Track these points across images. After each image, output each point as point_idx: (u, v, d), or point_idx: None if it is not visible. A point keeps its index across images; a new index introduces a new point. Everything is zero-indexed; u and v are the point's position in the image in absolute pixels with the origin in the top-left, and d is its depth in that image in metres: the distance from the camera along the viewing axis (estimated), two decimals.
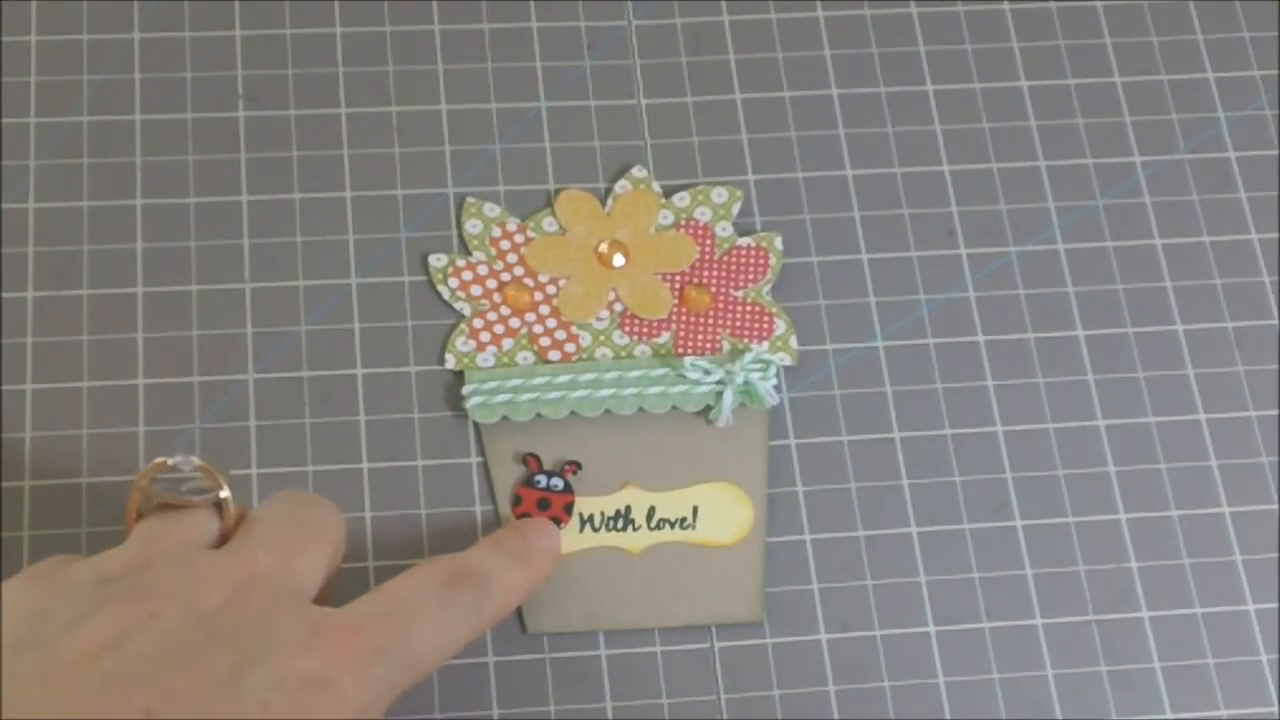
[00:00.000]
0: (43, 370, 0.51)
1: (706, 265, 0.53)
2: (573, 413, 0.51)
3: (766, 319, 0.52)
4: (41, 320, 0.51)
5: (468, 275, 0.52)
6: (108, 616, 0.38)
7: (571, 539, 0.50)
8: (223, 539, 0.42)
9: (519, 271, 0.53)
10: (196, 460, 0.43)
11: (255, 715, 0.37)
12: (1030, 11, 0.58)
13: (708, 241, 0.53)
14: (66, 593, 0.39)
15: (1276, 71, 0.58)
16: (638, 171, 0.54)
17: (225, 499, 0.43)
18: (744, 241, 0.54)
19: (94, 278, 0.52)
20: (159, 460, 0.43)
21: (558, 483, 0.50)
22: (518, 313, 0.52)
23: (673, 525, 0.50)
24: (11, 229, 0.52)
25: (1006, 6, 0.58)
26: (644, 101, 0.56)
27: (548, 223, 0.54)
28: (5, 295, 0.51)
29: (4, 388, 0.50)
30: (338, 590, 0.45)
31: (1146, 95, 0.57)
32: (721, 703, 0.48)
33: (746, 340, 0.52)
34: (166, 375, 0.51)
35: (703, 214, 0.54)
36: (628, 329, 0.52)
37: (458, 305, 0.52)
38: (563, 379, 0.51)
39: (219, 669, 0.37)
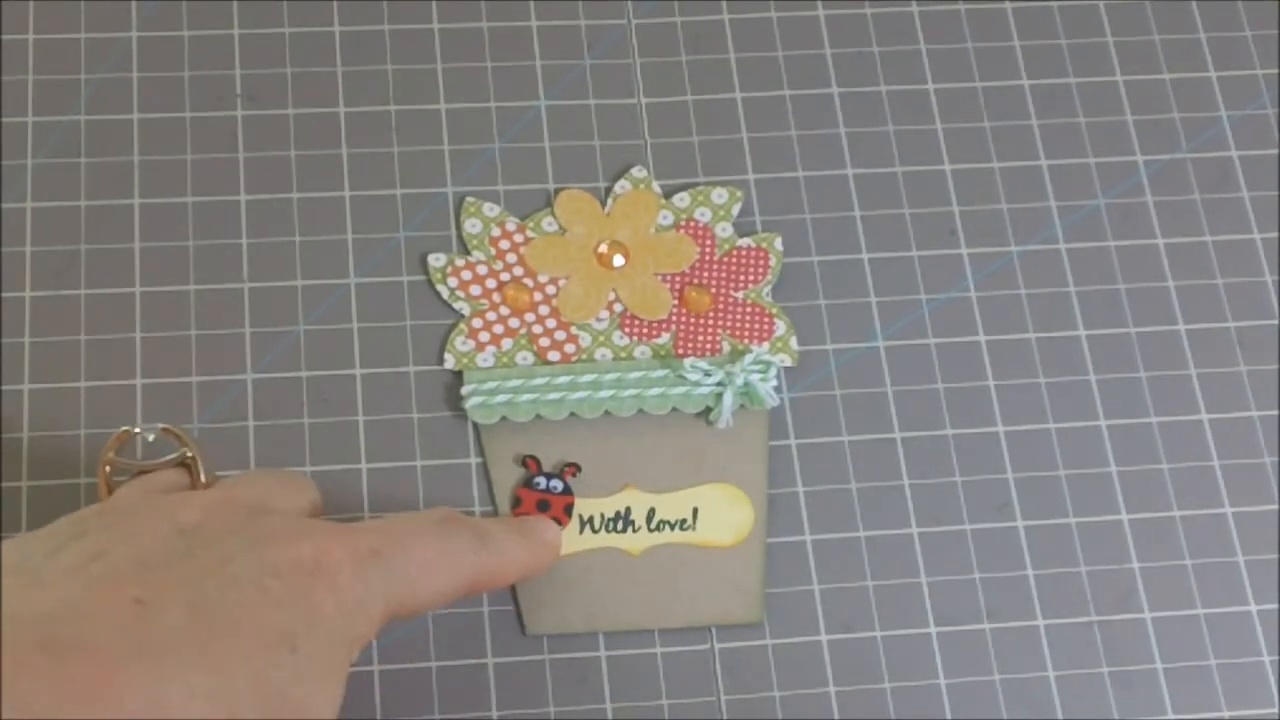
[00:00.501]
0: (41, 370, 0.51)
1: (706, 266, 0.53)
2: (572, 414, 0.51)
3: (766, 320, 0.52)
4: (40, 320, 0.51)
5: (467, 275, 0.52)
6: (87, 542, 0.37)
7: (571, 540, 0.50)
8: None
9: (518, 271, 0.53)
10: (160, 426, 0.43)
11: (251, 596, 0.36)
12: (1032, 10, 0.58)
13: (708, 242, 0.53)
14: (43, 536, 0.39)
15: (1278, 70, 0.58)
16: (638, 172, 0.54)
17: (192, 457, 0.43)
18: (744, 242, 0.53)
19: (92, 277, 0.52)
20: (123, 430, 0.44)
21: (557, 484, 0.50)
22: (517, 313, 0.52)
23: (673, 526, 0.50)
24: (10, 229, 0.52)
25: (1008, 5, 0.58)
26: (644, 101, 0.56)
27: (547, 223, 0.53)
28: (3, 295, 0.51)
29: (3, 387, 0.50)
30: None
31: (1148, 94, 0.57)
32: (721, 703, 0.48)
33: (746, 341, 0.52)
34: (165, 375, 0.51)
35: (703, 214, 0.54)
36: (627, 330, 0.52)
37: (457, 305, 0.52)
38: (562, 380, 0.51)
39: (207, 563, 0.37)
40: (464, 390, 0.51)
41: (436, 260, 0.53)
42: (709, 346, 0.52)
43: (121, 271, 0.52)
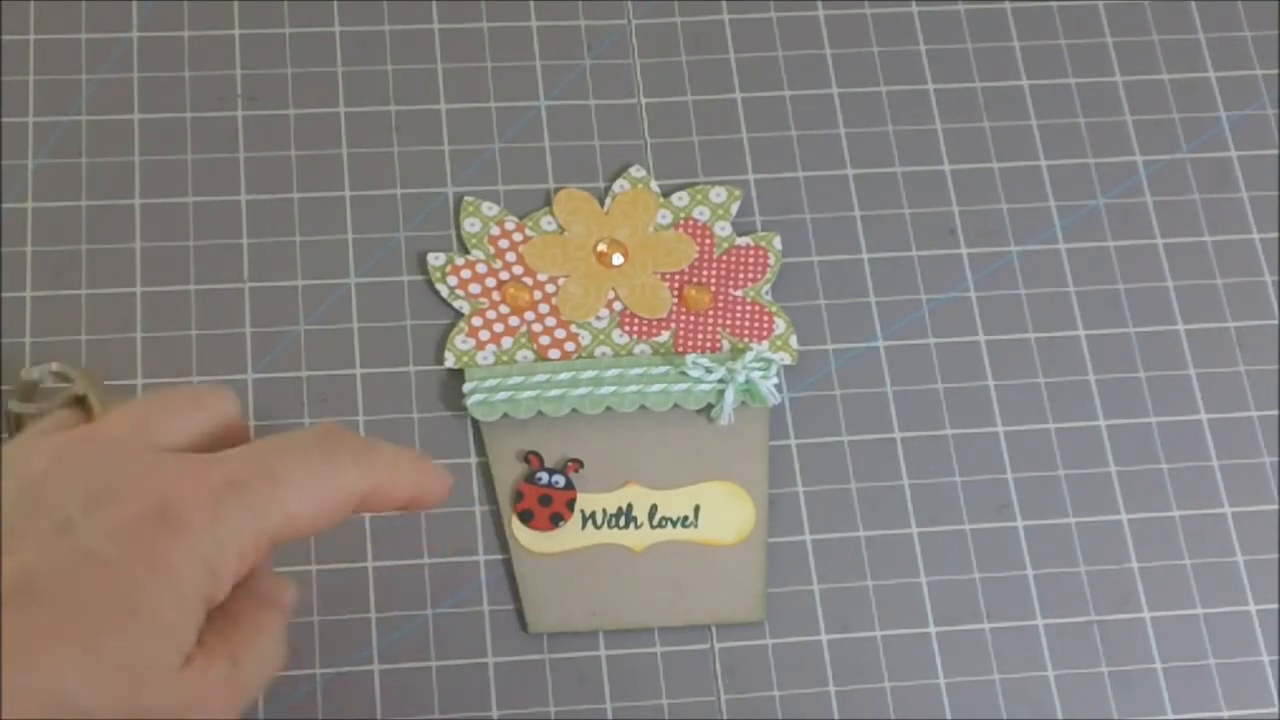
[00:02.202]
0: None
1: (706, 264, 0.53)
2: (574, 410, 0.51)
3: (766, 318, 0.52)
4: (40, 320, 0.51)
5: (466, 274, 0.52)
6: None
7: (574, 536, 0.50)
8: None
9: (518, 270, 0.53)
10: (54, 366, 0.42)
11: (83, 567, 0.34)
12: (1031, 11, 0.58)
13: (706, 241, 0.53)
14: None
15: (1277, 71, 0.58)
16: (636, 171, 0.54)
17: (83, 395, 0.41)
18: (743, 241, 0.53)
19: (92, 277, 0.52)
20: (19, 375, 0.42)
21: (559, 479, 0.50)
22: (517, 311, 0.52)
23: (675, 524, 0.50)
24: (10, 228, 0.52)
25: (1008, 6, 0.58)
26: (644, 101, 0.56)
27: (546, 221, 0.53)
28: (3, 295, 0.51)
29: (3, 387, 0.50)
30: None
31: (1148, 95, 0.57)
32: (721, 703, 0.48)
33: (746, 339, 0.52)
34: (165, 375, 0.51)
35: (701, 213, 0.54)
36: (627, 328, 0.52)
37: (456, 304, 0.52)
38: (564, 376, 0.51)
39: (43, 533, 0.35)
40: (465, 388, 0.51)
41: (436, 259, 0.53)
42: (709, 344, 0.52)
43: (121, 271, 0.52)
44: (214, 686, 0.36)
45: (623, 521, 0.50)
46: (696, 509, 0.50)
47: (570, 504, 0.50)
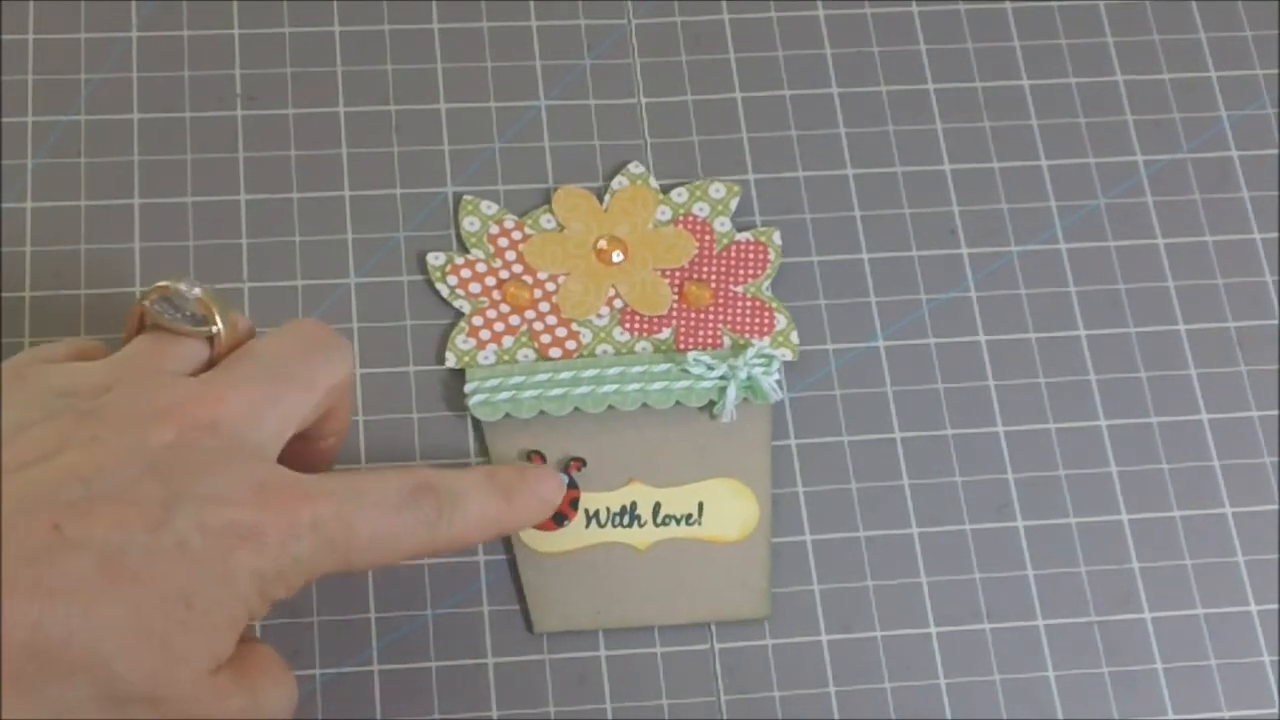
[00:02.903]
0: None
1: (706, 260, 0.53)
2: (576, 409, 0.51)
3: (767, 314, 0.52)
4: (39, 320, 0.51)
5: (466, 273, 0.52)
6: (51, 428, 0.38)
7: (578, 535, 0.50)
8: (210, 366, 0.42)
9: (518, 269, 0.53)
10: (199, 291, 0.43)
11: (169, 551, 0.37)
12: (1032, 10, 0.58)
13: (706, 237, 0.53)
14: (23, 396, 0.39)
15: (1278, 71, 0.58)
16: (635, 168, 0.54)
17: (217, 332, 0.43)
18: (743, 236, 0.53)
19: (92, 277, 0.52)
20: (162, 284, 0.43)
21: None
22: (517, 310, 0.52)
23: (678, 521, 0.50)
24: (9, 229, 0.52)
25: (1008, 5, 0.58)
26: (644, 100, 0.56)
27: (545, 220, 0.53)
28: (3, 295, 0.51)
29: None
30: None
31: (1148, 94, 0.57)
32: (721, 703, 0.48)
33: (747, 335, 0.52)
34: None
35: (701, 209, 0.54)
36: (628, 325, 0.52)
37: (457, 303, 0.52)
38: (565, 375, 0.51)
39: (146, 501, 0.37)
40: (467, 388, 0.51)
41: (436, 259, 0.53)
42: (710, 341, 0.52)
43: (121, 271, 0.52)
44: (230, 707, 0.39)
45: (626, 520, 0.50)
46: (700, 506, 0.50)
47: (574, 503, 0.50)
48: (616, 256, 0.53)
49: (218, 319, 0.43)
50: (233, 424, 0.40)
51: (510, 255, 0.53)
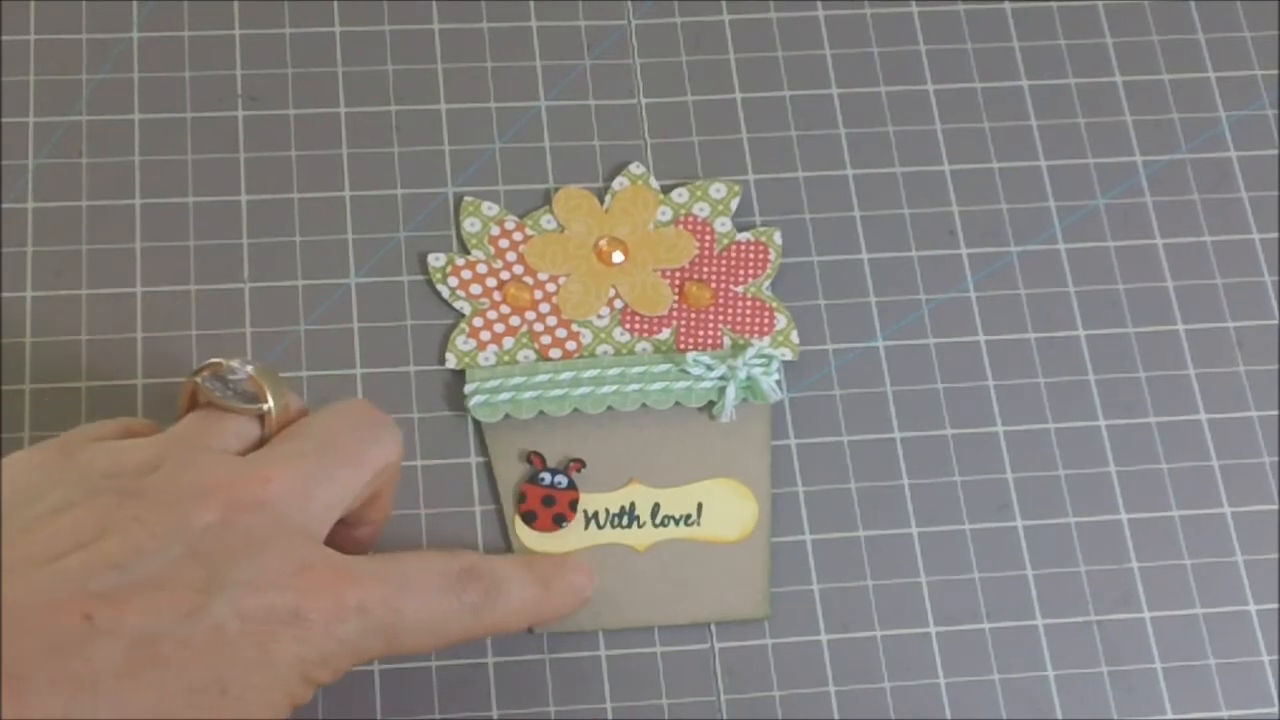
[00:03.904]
0: (42, 370, 0.51)
1: (706, 261, 0.53)
2: (575, 410, 0.51)
3: (767, 314, 0.52)
4: (40, 320, 0.51)
5: (467, 274, 0.52)
6: (92, 511, 0.37)
7: (577, 536, 0.50)
8: (260, 445, 0.42)
9: (518, 270, 0.53)
10: (251, 369, 0.43)
11: (204, 637, 0.36)
12: (1031, 11, 0.58)
13: (707, 237, 0.53)
14: (68, 475, 0.39)
15: (1277, 71, 0.58)
16: (635, 168, 0.54)
17: (268, 410, 0.42)
18: (743, 236, 0.53)
19: (93, 277, 0.52)
20: (215, 361, 0.43)
21: (562, 480, 0.50)
22: (518, 311, 0.52)
23: (677, 522, 0.50)
24: (10, 228, 0.52)
25: (1007, 6, 0.58)
26: (644, 101, 0.56)
27: (546, 220, 0.54)
28: (4, 295, 0.51)
29: (3, 388, 0.50)
30: None
31: (1147, 95, 0.57)
32: (721, 703, 0.48)
33: (748, 336, 0.52)
34: (166, 375, 0.51)
35: (701, 209, 0.54)
36: (628, 326, 0.52)
37: (457, 304, 0.52)
38: (565, 376, 0.51)
39: (183, 586, 0.36)
40: (467, 389, 0.51)
41: (436, 260, 0.53)
42: (710, 341, 0.52)
43: (122, 272, 0.52)
44: None
45: (625, 521, 0.50)
46: (699, 507, 0.50)
47: (573, 504, 0.50)
48: (617, 257, 0.53)
49: (269, 396, 0.42)
50: (279, 503, 0.39)
51: (511, 256, 0.53)
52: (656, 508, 0.50)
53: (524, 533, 0.49)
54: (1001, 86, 0.57)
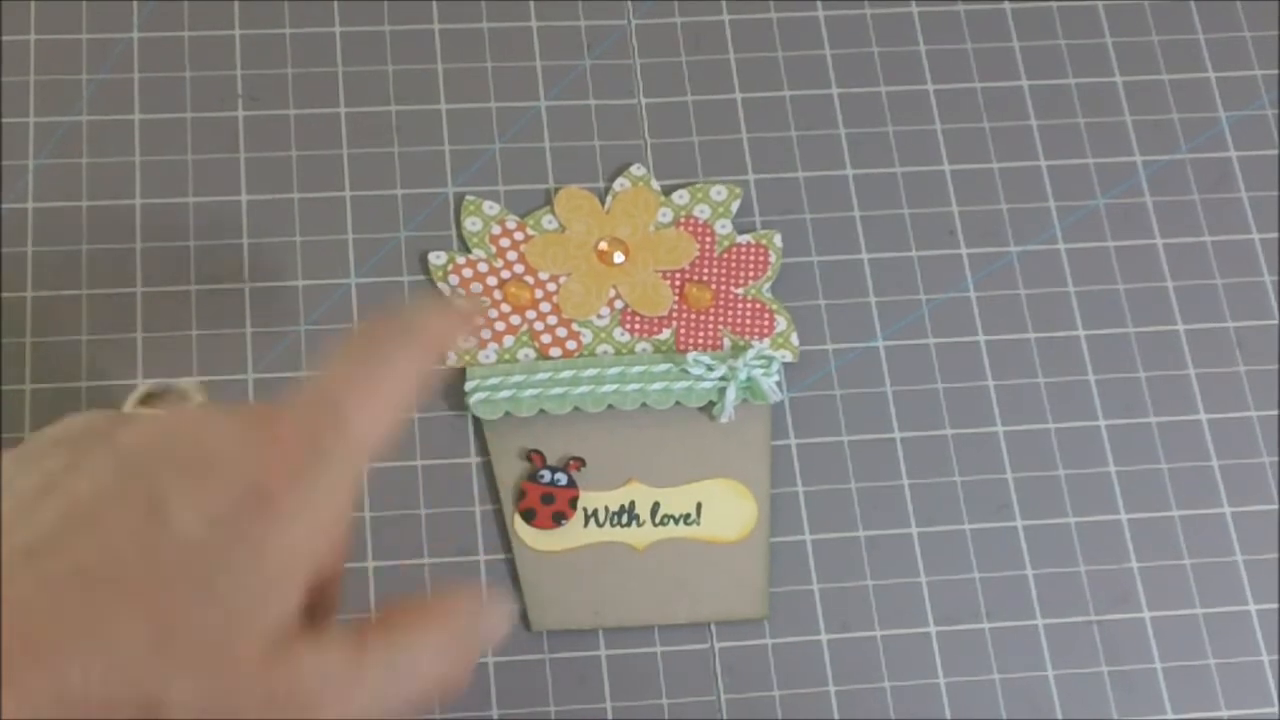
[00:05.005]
0: (42, 370, 0.51)
1: (706, 262, 0.53)
2: (576, 408, 0.51)
3: (767, 316, 0.52)
4: (41, 320, 0.51)
5: (468, 273, 0.52)
6: (62, 502, 0.35)
7: (576, 534, 0.50)
8: None
9: (519, 269, 0.53)
10: (184, 381, 0.42)
11: (173, 549, 0.34)
12: (1031, 11, 0.58)
13: (707, 239, 0.53)
14: (28, 477, 0.36)
15: (1277, 71, 0.58)
16: (636, 169, 0.54)
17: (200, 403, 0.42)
18: (743, 239, 0.54)
19: (93, 277, 0.52)
20: (147, 383, 0.43)
21: (561, 478, 0.50)
22: (518, 310, 0.52)
23: (677, 521, 0.50)
24: (11, 228, 0.52)
25: (1007, 6, 0.58)
26: (644, 101, 0.56)
27: (547, 220, 0.54)
28: (3, 295, 0.51)
29: (4, 387, 0.50)
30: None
31: (1147, 95, 0.57)
32: (721, 703, 0.48)
33: (747, 337, 0.52)
34: (165, 375, 0.51)
35: (702, 211, 0.54)
36: (629, 326, 0.52)
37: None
38: (565, 374, 0.51)
39: (136, 506, 0.34)
40: (467, 386, 0.51)
41: (437, 259, 0.53)
42: (710, 342, 0.52)
43: (122, 271, 0.52)
44: (319, 681, 0.34)
45: (625, 519, 0.50)
46: (698, 506, 0.50)
47: (573, 502, 0.50)
48: (618, 257, 0.53)
49: (204, 394, 0.42)
50: (202, 408, 0.38)
51: (512, 255, 0.53)
52: (656, 507, 0.50)
53: (523, 530, 0.49)
54: (1001, 86, 0.57)
